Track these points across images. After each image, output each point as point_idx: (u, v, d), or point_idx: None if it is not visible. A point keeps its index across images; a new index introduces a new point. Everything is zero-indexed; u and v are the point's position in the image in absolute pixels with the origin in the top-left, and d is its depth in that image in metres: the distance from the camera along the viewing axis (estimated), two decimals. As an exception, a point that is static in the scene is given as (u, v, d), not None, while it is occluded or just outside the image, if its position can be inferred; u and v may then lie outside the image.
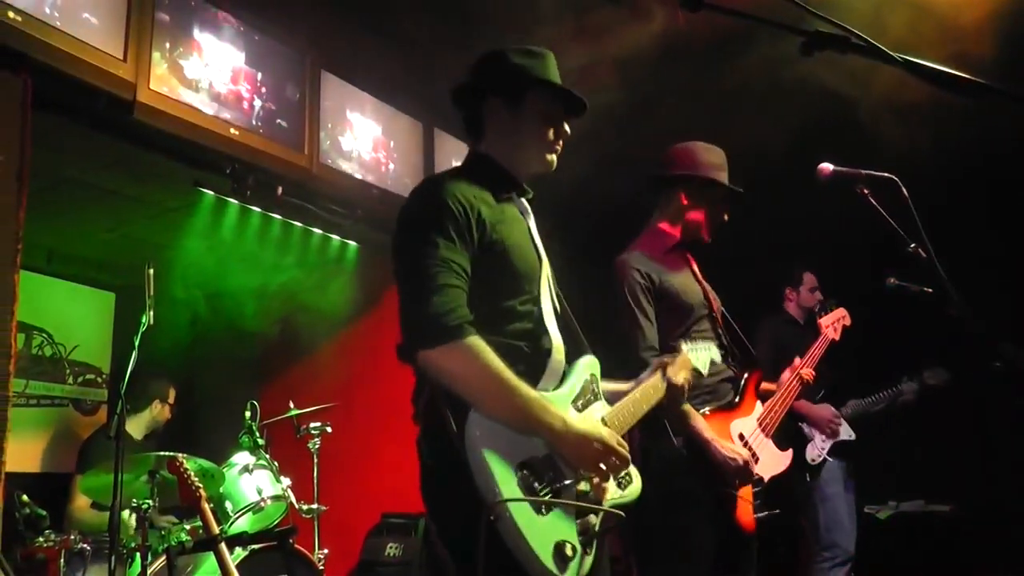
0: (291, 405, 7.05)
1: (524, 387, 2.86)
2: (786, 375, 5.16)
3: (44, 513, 5.44)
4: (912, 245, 3.57)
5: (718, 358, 4.23)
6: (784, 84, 6.05)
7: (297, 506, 6.45)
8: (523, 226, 3.30)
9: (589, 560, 2.91)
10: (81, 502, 6.67)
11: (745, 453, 4.32)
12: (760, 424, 4.62)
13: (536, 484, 2.81)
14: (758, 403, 4.72)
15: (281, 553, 5.71)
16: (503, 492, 2.70)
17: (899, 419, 6.98)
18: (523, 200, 3.41)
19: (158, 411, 7.40)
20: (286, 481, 6.37)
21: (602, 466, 2.94)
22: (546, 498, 2.81)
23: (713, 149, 4.78)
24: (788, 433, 6.54)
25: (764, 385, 4.85)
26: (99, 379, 8.80)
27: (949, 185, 6.35)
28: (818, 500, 6.70)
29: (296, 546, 5.96)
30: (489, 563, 2.68)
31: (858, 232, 4.84)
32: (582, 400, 3.16)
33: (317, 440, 6.99)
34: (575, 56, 7.10)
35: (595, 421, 3.07)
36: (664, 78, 7.03)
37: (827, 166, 3.91)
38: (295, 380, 9.14)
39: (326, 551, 6.69)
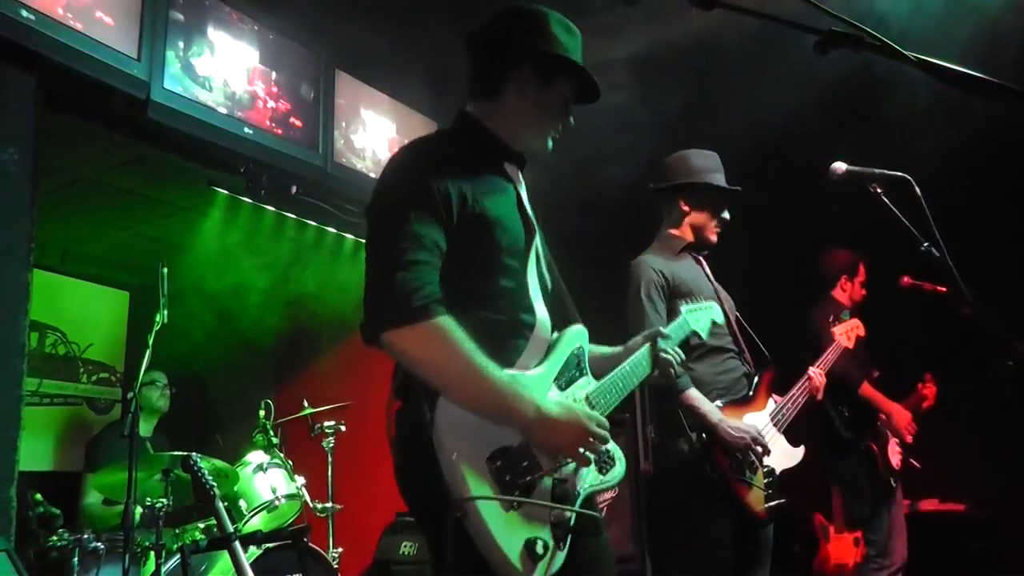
0: (305, 404, 7.05)
1: (495, 372, 2.66)
2: (801, 380, 5.14)
3: (58, 512, 5.44)
4: (925, 244, 3.56)
5: (719, 318, 4.18)
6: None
7: (311, 505, 6.46)
8: (511, 196, 3.08)
9: (561, 556, 2.71)
10: (92, 498, 6.67)
11: (753, 430, 4.40)
12: (772, 419, 4.70)
13: (508, 476, 2.65)
14: (771, 400, 4.79)
15: (295, 552, 5.70)
16: (471, 488, 2.57)
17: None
18: (515, 167, 3.20)
19: (154, 399, 7.34)
20: (300, 480, 6.37)
21: (581, 450, 2.75)
22: (517, 494, 2.65)
23: (704, 154, 4.96)
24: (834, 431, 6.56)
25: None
26: (113, 378, 8.82)
27: (962, 184, 6.32)
28: (889, 506, 6.60)
29: (310, 545, 5.96)
30: (459, 561, 2.58)
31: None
32: (565, 376, 2.99)
33: (331, 439, 6.99)
34: (587, 55, 7.11)
35: (570, 404, 2.83)
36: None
37: (840, 165, 3.90)
38: (309, 379, 9.16)
39: (340, 550, 6.70)
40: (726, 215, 4.92)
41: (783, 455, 4.71)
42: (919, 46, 2.03)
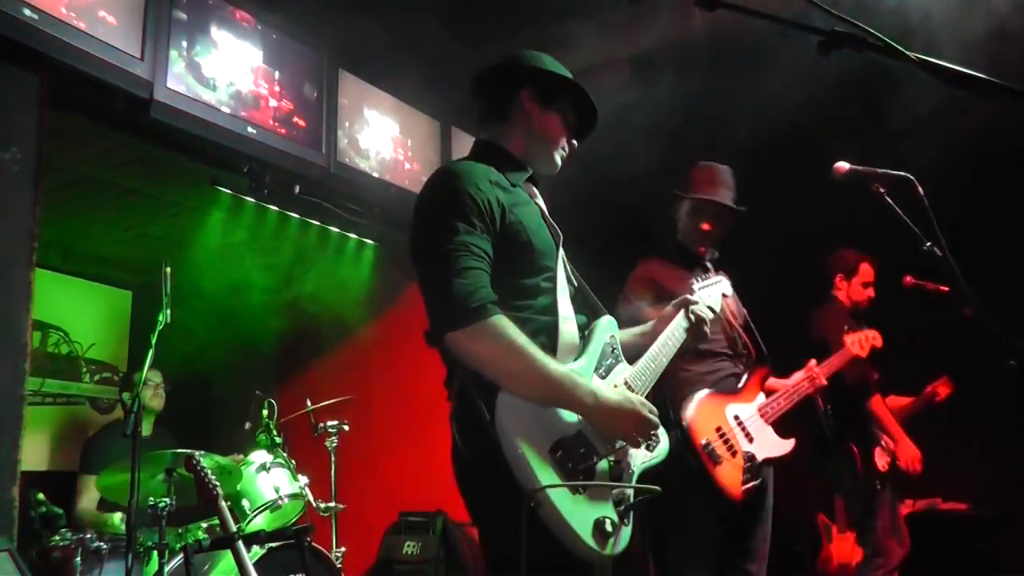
0: (308, 403, 7.06)
1: (552, 363, 2.90)
2: (798, 374, 5.30)
3: (60, 511, 5.44)
4: (928, 244, 3.56)
5: (729, 290, 4.35)
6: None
7: (315, 504, 6.45)
8: (535, 208, 3.33)
9: (627, 530, 2.99)
10: (85, 503, 6.66)
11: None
12: (760, 410, 4.95)
13: (570, 464, 2.86)
14: (761, 395, 5.04)
15: (298, 551, 5.70)
16: (540, 479, 2.74)
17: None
18: (532, 186, 3.47)
19: (146, 398, 7.19)
20: (304, 479, 6.36)
21: (637, 436, 3.03)
22: (581, 479, 2.86)
23: (709, 168, 5.28)
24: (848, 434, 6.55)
25: None
26: (116, 377, 8.82)
27: (964, 184, 6.32)
28: (876, 506, 6.58)
29: (314, 544, 5.96)
30: (533, 550, 2.70)
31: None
32: (603, 366, 3.23)
33: (335, 438, 7.00)
34: (591, 53, 7.13)
35: (622, 390, 3.12)
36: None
37: (843, 165, 3.91)
38: (312, 379, 9.17)
39: (343, 549, 6.71)
40: (725, 228, 5.21)
41: (768, 443, 4.91)
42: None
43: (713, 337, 4.60)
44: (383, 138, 7.51)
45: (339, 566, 6.42)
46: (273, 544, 5.82)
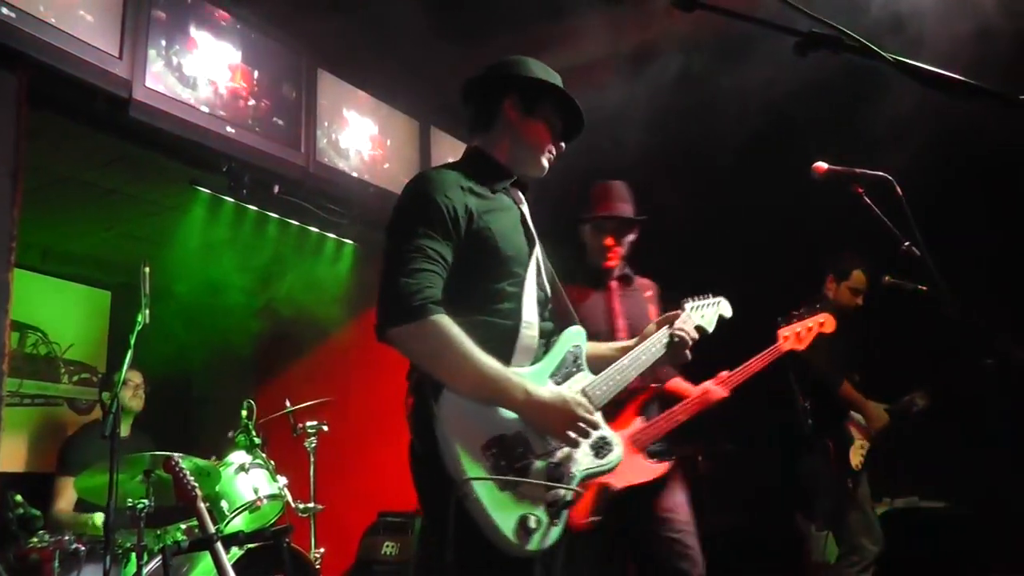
0: (287, 404, 7.04)
1: (489, 363, 3.00)
2: (696, 389, 5.06)
3: (38, 513, 5.42)
4: (906, 244, 3.58)
5: (728, 312, 4.27)
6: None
7: (294, 505, 6.44)
8: (514, 214, 3.46)
9: (556, 530, 3.03)
10: (63, 503, 6.64)
11: None
12: (631, 437, 4.77)
13: (503, 462, 2.97)
14: (638, 420, 4.88)
15: (277, 552, 5.69)
16: (468, 471, 2.87)
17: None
18: (517, 191, 3.58)
19: (125, 399, 7.13)
20: (283, 480, 6.35)
21: (569, 433, 3.07)
22: (510, 475, 2.96)
23: (603, 186, 5.39)
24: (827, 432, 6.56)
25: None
26: (94, 378, 8.79)
27: (942, 183, 6.34)
28: (850, 505, 6.58)
29: (292, 545, 5.94)
30: (463, 539, 2.86)
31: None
32: (561, 373, 3.32)
33: (314, 439, 6.99)
34: (571, 54, 7.13)
35: (560, 390, 3.17)
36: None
37: (821, 165, 3.92)
38: (292, 380, 9.14)
39: (323, 550, 6.69)
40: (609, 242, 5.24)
41: (630, 470, 4.67)
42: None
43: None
44: (362, 138, 7.50)
45: (318, 567, 6.41)
46: (252, 545, 5.81)
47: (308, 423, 6.99)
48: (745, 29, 2.94)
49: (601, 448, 3.28)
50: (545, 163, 3.60)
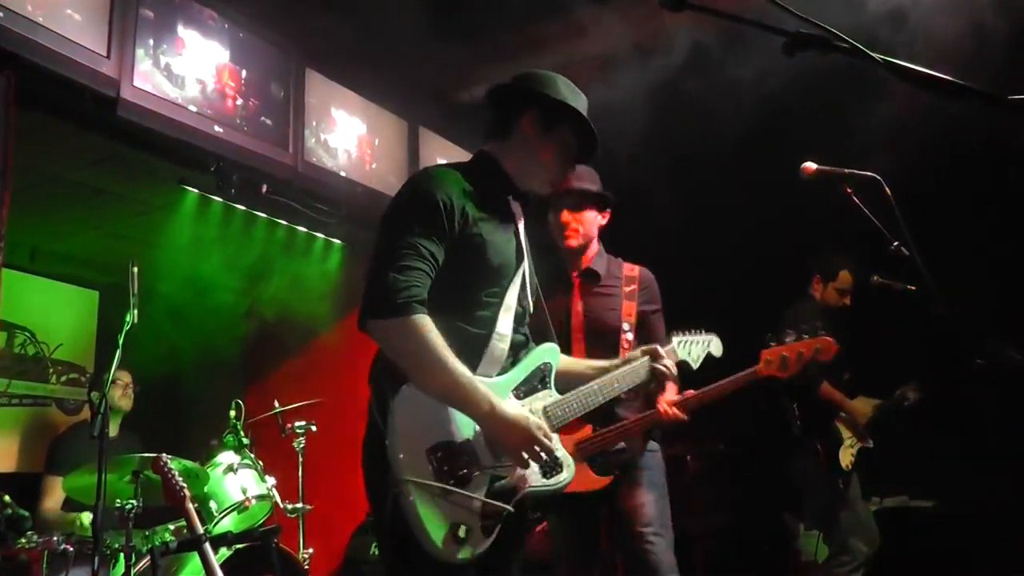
0: (276, 404, 7.03)
1: (460, 368, 3.03)
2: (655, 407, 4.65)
3: (27, 514, 5.41)
4: (895, 243, 3.59)
5: (718, 350, 4.31)
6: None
7: (282, 505, 6.44)
8: (509, 226, 3.46)
9: (488, 542, 3.06)
10: (50, 503, 6.62)
11: None
12: (576, 446, 4.54)
13: (446, 467, 3.01)
14: (587, 428, 4.58)
15: (266, 553, 5.69)
16: (407, 472, 2.93)
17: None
18: (517, 205, 3.56)
19: (115, 398, 7.13)
20: (271, 480, 6.35)
21: (523, 454, 3.09)
22: (451, 483, 2.99)
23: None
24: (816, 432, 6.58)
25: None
26: (83, 378, 8.75)
27: (932, 183, 6.36)
28: (841, 505, 6.58)
29: (281, 545, 5.95)
30: (394, 535, 2.98)
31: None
32: (525, 388, 3.38)
33: (302, 439, 6.99)
34: (560, 53, 7.13)
35: (524, 411, 3.21)
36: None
37: (810, 165, 3.93)
38: (280, 379, 9.12)
39: (311, 550, 6.69)
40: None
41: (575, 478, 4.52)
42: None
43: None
44: (350, 138, 7.49)
45: (306, 567, 6.41)
46: (240, 545, 5.82)
47: (296, 423, 6.98)
48: (734, 28, 2.94)
49: (551, 469, 3.30)
50: (552, 184, 3.64)
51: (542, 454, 3.12)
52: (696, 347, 4.18)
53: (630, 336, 4.88)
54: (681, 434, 5.09)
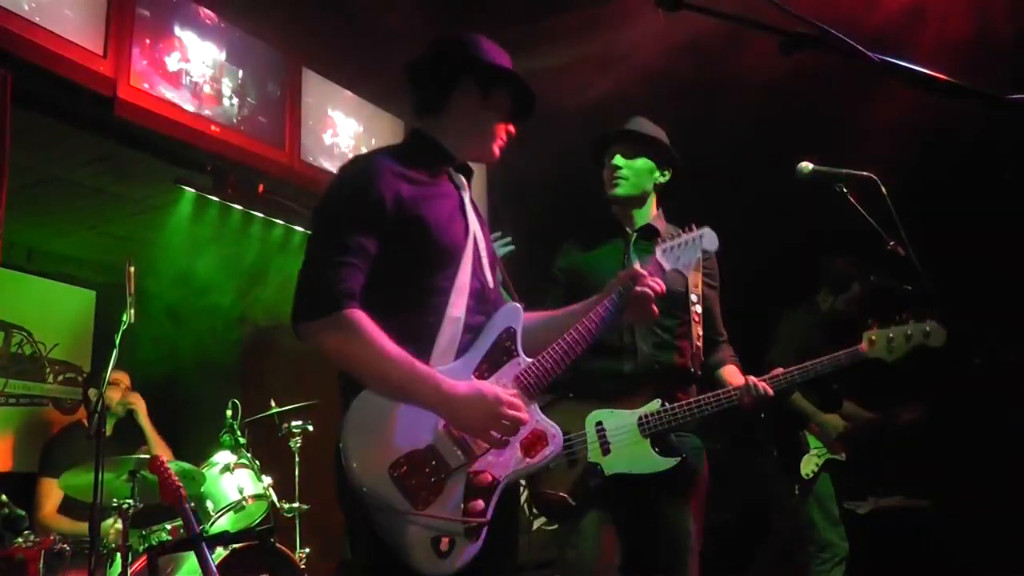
0: (272, 404, 7.03)
1: (400, 356, 2.82)
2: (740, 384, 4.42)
3: (23, 513, 5.40)
4: (891, 243, 3.59)
5: (713, 245, 3.87)
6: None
7: (279, 505, 6.43)
8: (453, 202, 3.23)
9: (472, 547, 2.85)
10: (48, 508, 6.60)
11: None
12: (642, 420, 4.24)
13: (414, 481, 2.79)
14: (656, 402, 4.27)
15: (262, 552, 5.69)
16: (373, 500, 2.75)
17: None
18: (461, 176, 3.37)
19: (108, 397, 7.06)
20: (268, 480, 6.35)
21: (493, 432, 2.85)
22: (424, 495, 2.78)
23: None
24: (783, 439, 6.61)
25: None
26: (79, 378, 8.75)
27: (927, 182, 6.37)
28: (812, 501, 6.65)
29: (277, 545, 5.94)
30: (371, 555, 2.85)
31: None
32: (488, 364, 3.06)
33: (299, 439, 6.97)
34: (559, 53, 7.13)
35: (479, 383, 2.95)
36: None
37: (807, 164, 3.92)
38: (277, 378, 9.11)
39: (307, 550, 6.67)
40: None
41: (631, 459, 4.24)
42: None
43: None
44: (346, 137, 7.49)
45: (303, 567, 6.39)
46: (237, 545, 5.80)
47: (293, 423, 6.97)
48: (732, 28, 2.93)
49: (534, 444, 3.03)
50: (496, 150, 3.38)
51: (514, 425, 2.87)
52: (686, 251, 3.69)
53: (699, 309, 4.43)
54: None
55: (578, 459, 4.22)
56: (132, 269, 5.26)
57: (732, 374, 4.50)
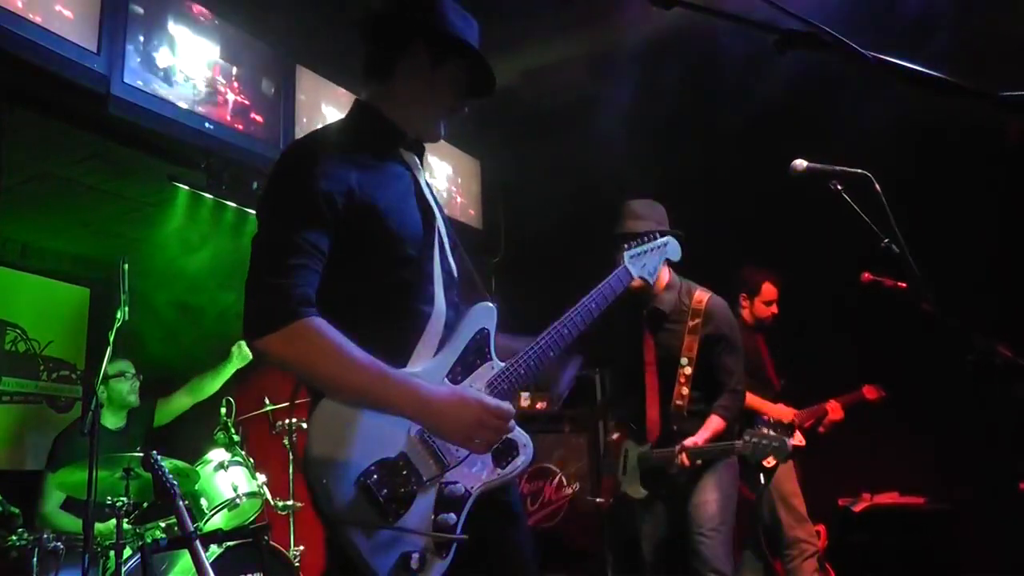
0: (266, 402, 7.01)
1: (373, 368, 2.59)
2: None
3: (17, 511, 5.38)
4: (885, 240, 3.58)
5: (676, 255, 4.04)
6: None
7: (272, 502, 6.43)
8: (406, 183, 2.97)
9: (442, 563, 2.68)
10: (50, 506, 6.58)
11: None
12: (641, 455, 5.67)
13: (385, 491, 2.61)
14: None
15: (256, 550, 5.68)
16: (340, 512, 2.58)
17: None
18: (412, 154, 3.09)
19: (124, 392, 7.07)
20: (262, 478, 6.34)
21: (476, 440, 2.69)
22: (394, 507, 2.61)
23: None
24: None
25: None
26: (73, 375, 8.76)
27: (922, 180, 6.37)
28: (777, 499, 6.72)
29: (271, 543, 5.94)
30: (341, 571, 2.69)
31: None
32: (461, 368, 2.87)
33: (293, 436, 6.96)
34: (553, 48, 7.12)
35: (459, 388, 2.78)
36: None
37: (800, 162, 3.92)
38: (271, 376, 9.10)
39: (301, 548, 6.67)
40: None
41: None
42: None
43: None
44: (341, 135, 7.47)
45: (297, 565, 6.40)
46: (231, 543, 5.80)
47: (287, 420, 6.96)
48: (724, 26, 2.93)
49: (504, 454, 2.89)
50: (442, 128, 3.13)
51: (497, 434, 2.73)
52: (651, 257, 3.74)
53: (688, 370, 5.30)
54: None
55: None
56: (126, 266, 5.25)
57: (704, 426, 5.35)
